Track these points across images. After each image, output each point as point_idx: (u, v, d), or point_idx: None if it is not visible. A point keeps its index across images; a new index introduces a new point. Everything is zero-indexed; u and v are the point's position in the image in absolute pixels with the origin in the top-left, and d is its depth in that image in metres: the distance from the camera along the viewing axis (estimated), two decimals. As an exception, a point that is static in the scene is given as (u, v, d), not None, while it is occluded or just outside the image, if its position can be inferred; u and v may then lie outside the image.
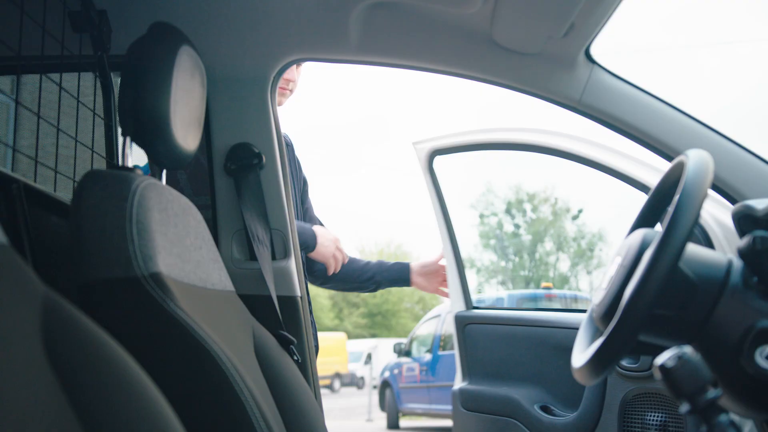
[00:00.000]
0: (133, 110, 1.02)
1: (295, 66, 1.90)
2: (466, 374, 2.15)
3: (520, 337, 2.03)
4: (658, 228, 1.09)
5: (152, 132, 1.03)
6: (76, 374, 0.58)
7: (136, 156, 1.13)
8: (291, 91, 1.99)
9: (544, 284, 10.57)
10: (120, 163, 1.12)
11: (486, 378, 2.12)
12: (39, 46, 1.24)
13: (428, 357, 9.61)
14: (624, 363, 1.72)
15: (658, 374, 0.80)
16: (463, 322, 2.18)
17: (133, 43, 1.07)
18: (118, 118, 1.25)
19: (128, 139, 1.11)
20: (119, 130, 1.09)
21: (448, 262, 2.15)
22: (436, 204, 2.25)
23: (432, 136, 2.18)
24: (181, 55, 1.07)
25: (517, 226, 28.16)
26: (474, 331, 2.16)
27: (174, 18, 1.21)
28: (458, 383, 2.14)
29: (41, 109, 1.23)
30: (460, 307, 2.21)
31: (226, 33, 1.46)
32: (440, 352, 9.27)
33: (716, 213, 1.48)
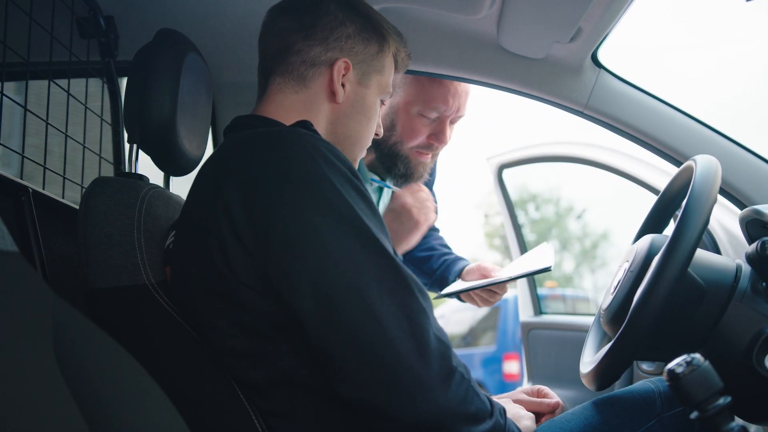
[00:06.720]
0: (139, 116, 1.02)
1: (465, 98, 1.54)
2: (531, 376, 2.32)
3: (579, 341, 2.12)
4: (666, 233, 1.09)
5: (158, 138, 1.03)
6: (85, 382, 0.58)
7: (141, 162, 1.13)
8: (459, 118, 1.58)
9: (548, 284, 10.47)
10: (127, 169, 1.12)
11: (547, 380, 2.25)
12: (47, 51, 1.24)
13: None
14: (644, 366, 1.72)
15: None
16: (527, 328, 2.35)
17: (140, 50, 1.07)
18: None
19: (136, 146, 1.11)
20: (126, 136, 1.08)
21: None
22: (506, 213, 2.41)
23: (501, 152, 2.37)
24: (187, 62, 1.07)
25: (521, 226, 28.01)
26: (537, 336, 2.32)
27: (181, 24, 1.20)
28: (524, 384, 2.31)
29: (49, 114, 1.23)
30: (529, 314, 2.38)
31: (233, 39, 1.46)
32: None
33: (723, 218, 1.48)
